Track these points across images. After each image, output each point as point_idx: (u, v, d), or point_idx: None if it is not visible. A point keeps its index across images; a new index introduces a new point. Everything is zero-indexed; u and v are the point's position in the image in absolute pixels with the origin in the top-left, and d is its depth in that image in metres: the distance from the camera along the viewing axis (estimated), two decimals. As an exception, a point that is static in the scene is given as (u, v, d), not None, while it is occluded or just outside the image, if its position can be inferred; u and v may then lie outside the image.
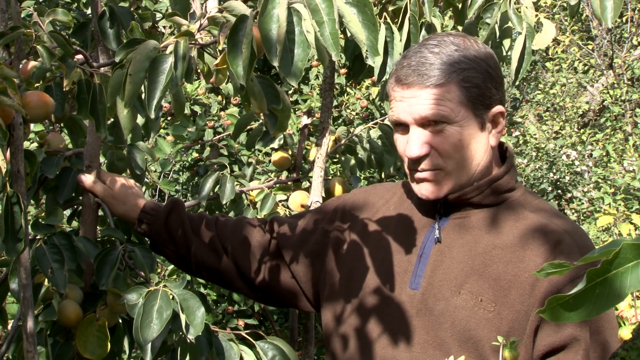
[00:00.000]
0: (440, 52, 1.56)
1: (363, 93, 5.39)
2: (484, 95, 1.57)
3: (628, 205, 6.90)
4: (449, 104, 1.54)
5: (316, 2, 1.28)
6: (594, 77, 10.78)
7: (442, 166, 1.58)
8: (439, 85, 1.54)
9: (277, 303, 1.97)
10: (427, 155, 1.57)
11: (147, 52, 1.44)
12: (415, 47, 1.61)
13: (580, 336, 1.45)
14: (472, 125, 1.57)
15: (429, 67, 1.54)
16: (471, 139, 1.57)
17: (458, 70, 1.54)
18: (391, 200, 1.78)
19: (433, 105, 1.53)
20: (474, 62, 1.56)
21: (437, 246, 1.61)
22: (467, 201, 1.61)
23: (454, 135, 1.55)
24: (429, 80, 1.53)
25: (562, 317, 0.72)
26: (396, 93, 1.58)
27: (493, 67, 1.59)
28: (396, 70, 1.59)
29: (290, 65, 1.30)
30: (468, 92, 1.55)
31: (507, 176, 1.62)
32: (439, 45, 1.57)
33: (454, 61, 1.55)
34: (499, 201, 1.62)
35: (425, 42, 1.60)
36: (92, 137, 1.87)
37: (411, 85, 1.55)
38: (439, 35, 1.61)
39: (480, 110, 1.57)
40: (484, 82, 1.57)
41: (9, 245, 1.49)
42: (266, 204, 2.47)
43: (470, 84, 1.55)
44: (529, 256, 1.53)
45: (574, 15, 2.22)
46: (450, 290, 1.56)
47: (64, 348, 1.83)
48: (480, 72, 1.56)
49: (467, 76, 1.55)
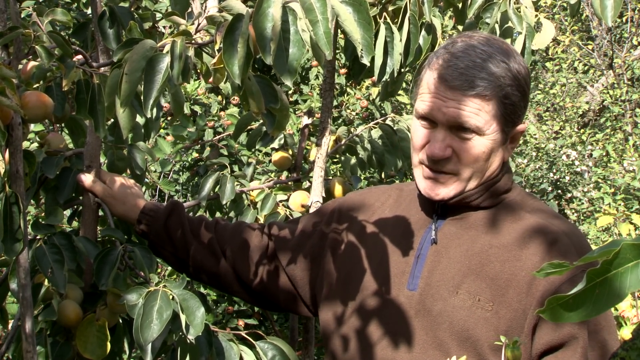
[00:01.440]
0: (489, 60, 1.53)
1: (363, 93, 5.39)
2: (516, 114, 1.57)
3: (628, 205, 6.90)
4: (485, 116, 1.53)
5: (310, 1, 1.28)
6: (594, 77, 10.78)
7: (459, 172, 1.57)
8: (483, 97, 1.52)
9: (275, 307, 1.98)
10: (448, 159, 1.56)
11: (143, 51, 1.44)
12: (460, 44, 1.57)
13: (579, 335, 1.46)
14: (497, 140, 1.57)
15: (477, 74, 1.52)
16: (492, 152, 1.57)
17: (503, 85, 1.53)
18: (387, 202, 1.78)
19: (471, 115, 1.52)
20: (516, 79, 1.55)
21: (434, 247, 1.61)
22: (466, 204, 1.62)
23: (479, 146, 1.55)
24: (475, 90, 1.52)
25: (562, 317, 0.72)
26: (435, 88, 1.55)
27: (528, 86, 1.59)
28: (440, 66, 1.55)
29: (285, 64, 1.30)
30: (505, 109, 1.55)
31: (504, 178, 1.63)
32: (486, 51, 1.54)
33: (501, 74, 1.53)
34: (496, 203, 1.63)
35: (470, 43, 1.56)
36: (93, 137, 1.87)
37: (455, 88, 1.52)
38: (483, 38, 1.58)
39: (508, 127, 1.57)
40: (520, 100, 1.57)
41: (8, 245, 1.49)
42: (266, 204, 2.47)
43: (509, 101, 1.55)
44: (525, 255, 1.53)
45: (574, 15, 2.22)
46: (448, 290, 1.56)
47: (63, 348, 1.83)
48: (519, 90, 1.56)
49: (508, 93, 1.54)
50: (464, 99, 1.52)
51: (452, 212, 1.63)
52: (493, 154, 1.58)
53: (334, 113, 5.28)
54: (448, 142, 1.55)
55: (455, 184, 1.58)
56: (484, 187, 1.60)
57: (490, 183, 1.61)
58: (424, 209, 1.68)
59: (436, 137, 1.56)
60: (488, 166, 1.58)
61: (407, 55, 2.11)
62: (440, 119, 1.55)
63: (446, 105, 1.53)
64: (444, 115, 1.54)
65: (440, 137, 1.56)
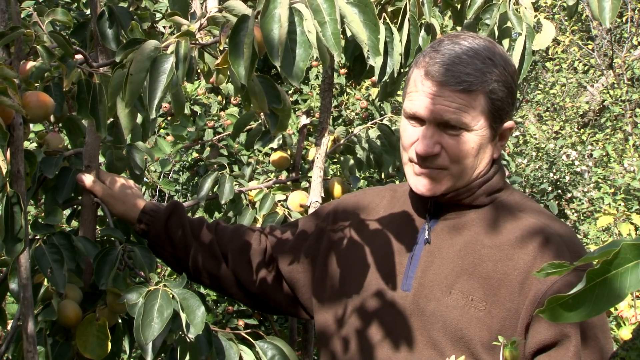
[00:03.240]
0: (475, 56, 1.55)
1: (363, 94, 5.39)
2: (503, 110, 1.58)
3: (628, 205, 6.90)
4: (472, 111, 1.54)
5: (318, 2, 1.28)
6: (594, 77, 10.78)
7: (448, 167, 1.58)
8: (470, 92, 1.53)
9: (273, 310, 1.98)
10: (436, 155, 1.57)
11: (148, 52, 1.44)
12: (446, 42, 1.58)
13: (571, 333, 1.46)
14: (486, 136, 1.58)
15: (463, 69, 1.53)
16: (481, 148, 1.58)
17: (489, 80, 1.54)
18: (381, 203, 1.79)
19: (458, 111, 1.53)
20: (502, 75, 1.57)
21: (427, 247, 1.62)
22: (459, 202, 1.62)
23: (467, 142, 1.56)
24: (462, 85, 1.53)
25: (562, 317, 0.72)
26: (422, 86, 1.56)
27: (515, 83, 1.61)
28: (427, 64, 1.57)
29: (292, 66, 1.30)
30: (492, 104, 1.56)
31: (496, 177, 1.64)
32: (472, 48, 1.56)
33: (487, 70, 1.55)
34: (488, 202, 1.63)
35: (456, 41, 1.58)
36: (92, 137, 1.87)
37: (442, 84, 1.53)
38: (469, 36, 1.60)
39: (496, 123, 1.58)
40: (507, 96, 1.58)
41: (9, 245, 1.49)
42: (265, 204, 2.47)
43: (495, 97, 1.56)
44: (518, 255, 1.54)
45: (572, 15, 2.22)
46: (441, 290, 1.57)
47: (63, 348, 1.83)
48: (506, 86, 1.57)
49: (494, 88, 1.55)
50: (450, 95, 1.53)
51: (445, 212, 1.64)
52: (482, 150, 1.58)
53: (334, 113, 5.28)
54: (436, 139, 1.56)
55: (445, 179, 1.59)
56: (476, 185, 1.61)
57: (482, 181, 1.61)
58: (417, 210, 1.69)
59: (424, 134, 1.57)
60: (478, 163, 1.59)
61: (407, 56, 2.11)
62: (427, 116, 1.56)
63: (433, 102, 1.54)
64: (431, 113, 1.55)
65: (428, 134, 1.56)
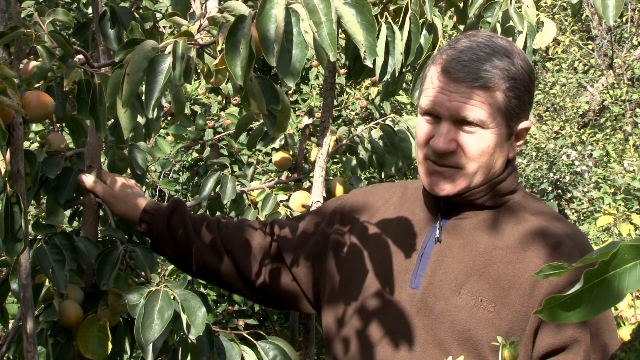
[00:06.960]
0: (492, 54, 1.54)
1: (362, 93, 5.39)
2: (520, 108, 1.57)
3: (628, 205, 6.90)
4: (489, 109, 1.53)
5: (314, 3, 1.28)
6: (594, 77, 10.78)
7: (464, 166, 1.57)
8: (487, 89, 1.53)
9: (277, 305, 1.98)
10: (453, 153, 1.56)
11: (145, 52, 1.44)
12: (463, 40, 1.58)
13: (581, 338, 1.45)
14: (502, 134, 1.57)
15: (481, 66, 1.53)
16: (497, 147, 1.57)
17: (506, 77, 1.54)
18: (391, 200, 1.77)
19: (475, 107, 1.53)
20: (520, 73, 1.56)
21: (438, 246, 1.61)
22: (470, 202, 1.61)
23: (484, 140, 1.55)
24: (479, 81, 1.52)
25: (560, 317, 0.72)
26: (439, 82, 1.56)
27: (533, 82, 1.60)
28: (444, 60, 1.56)
29: (288, 66, 1.30)
30: (509, 102, 1.55)
31: (510, 179, 1.62)
32: (490, 46, 1.56)
33: (504, 67, 1.54)
34: (500, 203, 1.62)
35: (474, 39, 1.58)
36: (93, 137, 1.88)
37: (459, 80, 1.53)
38: (486, 35, 1.60)
39: (513, 122, 1.57)
40: (524, 95, 1.57)
41: (9, 245, 1.49)
42: (267, 204, 2.47)
43: (513, 95, 1.55)
44: (529, 257, 1.53)
45: (575, 14, 2.22)
46: (451, 289, 1.56)
47: (64, 348, 1.83)
48: (523, 84, 1.57)
49: (512, 86, 1.55)
50: (467, 91, 1.52)
51: (456, 212, 1.63)
52: (498, 149, 1.57)
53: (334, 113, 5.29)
54: (452, 136, 1.55)
55: (461, 179, 1.58)
56: (489, 186, 1.60)
57: (496, 182, 1.60)
58: (428, 208, 1.68)
59: (440, 131, 1.56)
60: (494, 162, 1.58)
61: (408, 55, 2.11)
62: (443, 112, 1.55)
63: (449, 99, 1.53)
64: (447, 109, 1.54)
65: (444, 130, 1.55)
